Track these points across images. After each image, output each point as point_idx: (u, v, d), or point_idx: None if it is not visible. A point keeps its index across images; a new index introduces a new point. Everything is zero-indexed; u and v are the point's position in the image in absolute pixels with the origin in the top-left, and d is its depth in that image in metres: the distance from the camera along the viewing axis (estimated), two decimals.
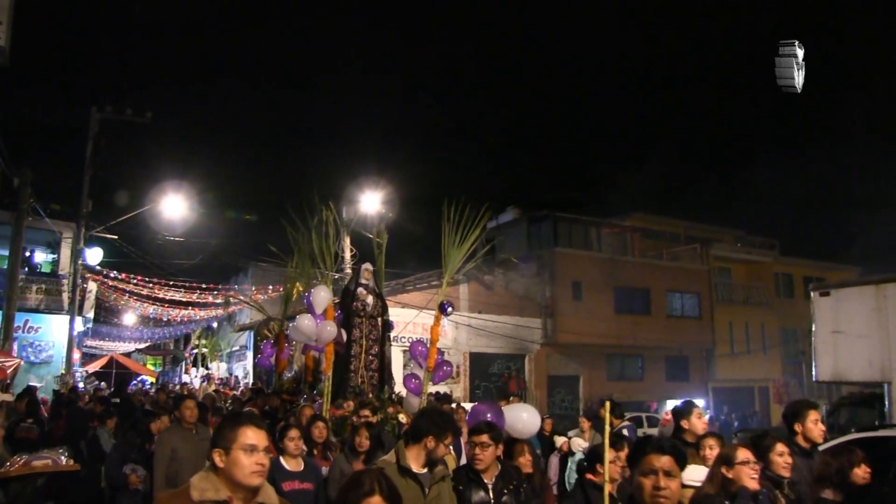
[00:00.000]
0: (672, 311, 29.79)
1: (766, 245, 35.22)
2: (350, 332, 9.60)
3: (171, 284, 23.53)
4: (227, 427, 2.76)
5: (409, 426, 4.39)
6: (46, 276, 21.82)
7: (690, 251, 31.62)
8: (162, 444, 6.56)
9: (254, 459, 2.68)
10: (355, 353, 9.70)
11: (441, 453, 4.15)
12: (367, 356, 9.80)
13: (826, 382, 14.26)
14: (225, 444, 2.70)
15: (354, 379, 9.57)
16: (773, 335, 31.76)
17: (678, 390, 28.22)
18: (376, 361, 9.90)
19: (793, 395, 32.17)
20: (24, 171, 15.57)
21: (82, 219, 19.21)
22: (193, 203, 20.69)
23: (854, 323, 12.01)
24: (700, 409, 5.50)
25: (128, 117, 19.14)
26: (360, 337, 9.78)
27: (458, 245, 9.10)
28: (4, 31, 9.99)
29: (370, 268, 10.20)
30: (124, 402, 13.47)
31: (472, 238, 9.17)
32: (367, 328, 9.89)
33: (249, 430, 2.72)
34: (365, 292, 9.91)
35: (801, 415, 5.00)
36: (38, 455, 5.96)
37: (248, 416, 2.82)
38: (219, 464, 2.68)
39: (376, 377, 9.83)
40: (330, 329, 8.96)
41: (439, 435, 4.11)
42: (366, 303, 9.85)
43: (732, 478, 3.87)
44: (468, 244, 9.15)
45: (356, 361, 9.70)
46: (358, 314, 9.83)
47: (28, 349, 20.23)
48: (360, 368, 9.70)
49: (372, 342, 9.90)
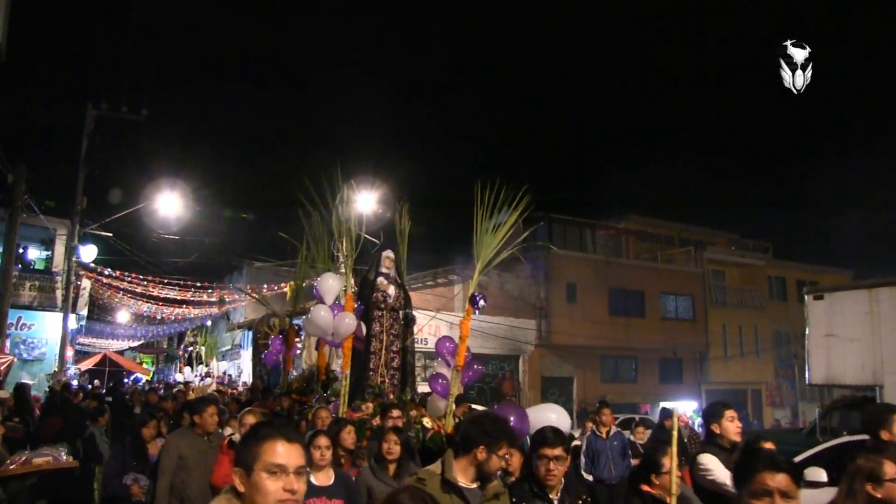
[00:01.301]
0: (666, 313, 29.86)
1: (759, 248, 35.35)
2: (369, 327, 8.72)
3: (166, 282, 23.52)
4: (250, 440, 2.21)
5: (459, 435, 3.74)
6: (40, 273, 21.76)
7: (685, 254, 31.72)
8: (168, 451, 5.87)
9: (280, 484, 2.11)
10: (375, 349, 8.78)
11: (494, 466, 3.55)
12: (387, 353, 8.86)
13: (819, 385, 14.33)
14: (246, 461, 2.15)
15: (374, 378, 8.65)
16: (767, 338, 31.85)
17: (671, 392, 28.30)
18: (398, 359, 8.98)
19: (785, 398, 32.30)
20: (18, 168, 15.52)
21: (77, 216, 19.16)
22: (188, 201, 20.64)
23: (847, 326, 12.07)
24: (733, 412, 5.00)
25: (123, 115, 19.07)
26: (380, 332, 8.84)
27: (493, 231, 8.04)
28: (0, 29, 9.96)
29: (391, 255, 9.19)
30: (116, 401, 13.46)
31: (509, 223, 8.17)
32: (389, 322, 8.94)
33: (279, 445, 2.14)
34: (386, 282, 8.98)
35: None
36: (39, 452, 5.94)
37: (279, 427, 2.22)
38: (239, 488, 2.15)
39: (398, 376, 8.92)
40: (349, 321, 8.06)
41: (491, 445, 3.50)
42: (387, 294, 8.91)
43: (883, 497, 3.13)
44: (503, 230, 8.09)
45: (376, 359, 8.79)
46: (378, 306, 8.87)
47: (21, 346, 20.17)
48: (381, 367, 8.77)
49: (393, 337, 8.97)
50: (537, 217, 28.94)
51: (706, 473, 4.43)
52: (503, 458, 3.57)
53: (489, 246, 8.01)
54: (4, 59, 10.57)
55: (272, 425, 2.28)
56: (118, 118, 19.13)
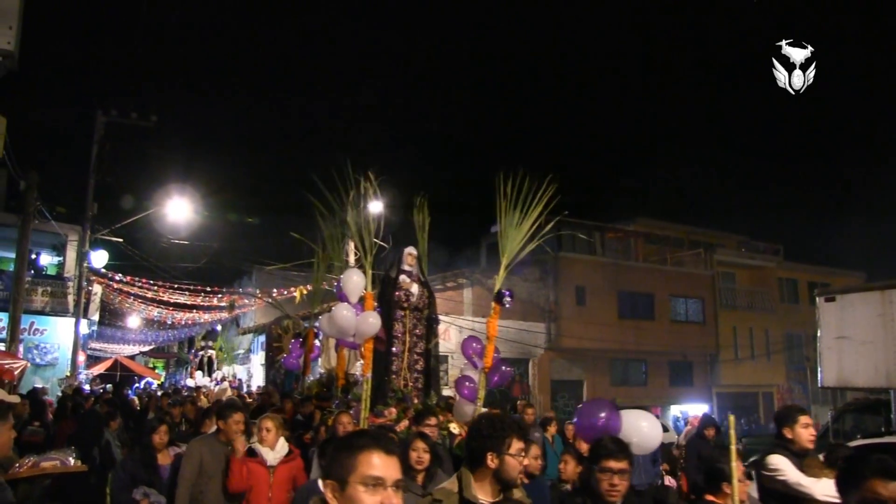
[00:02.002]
0: (676, 316, 29.75)
1: (770, 250, 35.16)
2: (391, 327, 8.26)
3: (176, 287, 23.60)
4: (343, 451, 2.02)
5: (465, 450, 3.41)
6: (52, 279, 21.90)
7: (694, 256, 31.59)
8: (190, 458, 5.53)
9: (378, 499, 1.95)
10: (397, 351, 8.33)
11: (512, 470, 3.16)
12: (410, 355, 8.39)
13: (831, 388, 14.25)
14: (340, 474, 1.98)
15: (396, 382, 8.21)
16: (778, 341, 31.69)
17: (682, 395, 28.22)
18: (422, 361, 8.50)
19: (797, 401, 32.11)
20: (30, 175, 15.67)
21: (88, 222, 19.29)
22: (198, 206, 20.78)
23: (859, 328, 11.98)
24: (808, 418, 4.65)
25: (133, 121, 19.23)
26: (402, 333, 8.36)
27: (518, 224, 7.64)
28: (13, 36, 10.02)
29: (413, 252, 8.70)
30: (122, 405, 13.50)
31: (534, 215, 7.69)
32: (412, 322, 8.46)
33: (375, 456, 1.98)
34: (408, 280, 8.51)
35: None
36: (47, 456, 5.97)
37: (376, 437, 2.06)
38: (331, 502, 1.98)
39: (422, 380, 8.45)
40: (372, 321, 7.65)
41: (497, 446, 3.16)
42: (409, 293, 8.43)
43: None
44: (529, 222, 7.67)
45: (398, 361, 8.33)
46: (400, 306, 8.39)
47: (34, 351, 20.31)
48: (403, 369, 8.30)
49: (417, 339, 8.49)
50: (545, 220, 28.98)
51: (777, 474, 4.27)
52: (520, 456, 3.20)
53: (514, 240, 7.69)
54: (17, 67, 10.64)
55: (368, 435, 2.11)
56: (128, 124, 19.27)
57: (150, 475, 6.35)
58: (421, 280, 8.69)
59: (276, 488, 5.41)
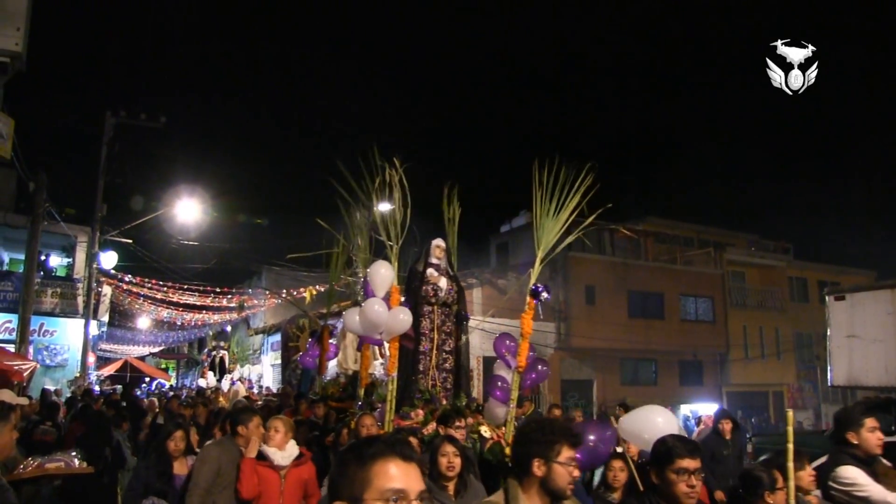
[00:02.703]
0: (686, 315, 29.66)
1: (780, 249, 35.01)
2: (418, 324, 7.78)
3: (185, 288, 23.68)
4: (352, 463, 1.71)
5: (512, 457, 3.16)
6: (62, 280, 22.00)
7: (704, 255, 31.48)
8: (207, 462, 5.11)
9: None
10: (425, 349, 7.88)
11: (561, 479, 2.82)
12: (439, 353, 7.93)
13: (841, 387, 14.19)
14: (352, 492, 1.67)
15: (424, 382, 7.77)
16: (788, 339, 31.55)
17: (692, 395, 28.10)
18: (451, 360, 8.02)
19: (808, 400, 31.97)
20: (39, 176, 15.73)
21: (97, 223, 19.36)
22: (207, 207, 20.82)
23: (869, 327, 11.94)
24: (874, 420, 4.30)
25: (142, 122, 19.30)
26: (430, 330, 7.91)
27: (555, 215, 7.18)
28: (21, 38, 10.11)
29: (441, 244, 8.24)
30: (131, 406, 13.51)
31: (572, 205, 7.23)
32: (440, 319, 8.00)
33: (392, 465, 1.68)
34: (436, 274, 8.06)
35: None
36: (51, 458, 5.96)
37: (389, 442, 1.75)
38: None
39: (450, 380, 7.97)
40: (403, 318, 7.17)
41: (545, 452, 2.82)
42: (438, 287, 7.98)
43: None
44: (566, 213, 7.23)
45: (426, 360, 7.88)
46: (428, 301, 7.95)
47: (43, 352, 20.39)
48: (431, 369, 7.86)
49: (445, 336, 8.01)
50: None
51: (856, 489, 3.90)
52: (571, 465, 2.84)
53: (551, 232, 7.25)
54: (25, 68, 10.72)
55: (379, 441, 1.77)
56: (137, 125, 19.35)
57: (164, 485, 5.79)
58: (450, 274, 8.23)
59: (288, 493, 5.17)
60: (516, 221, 31.42)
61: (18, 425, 7.68)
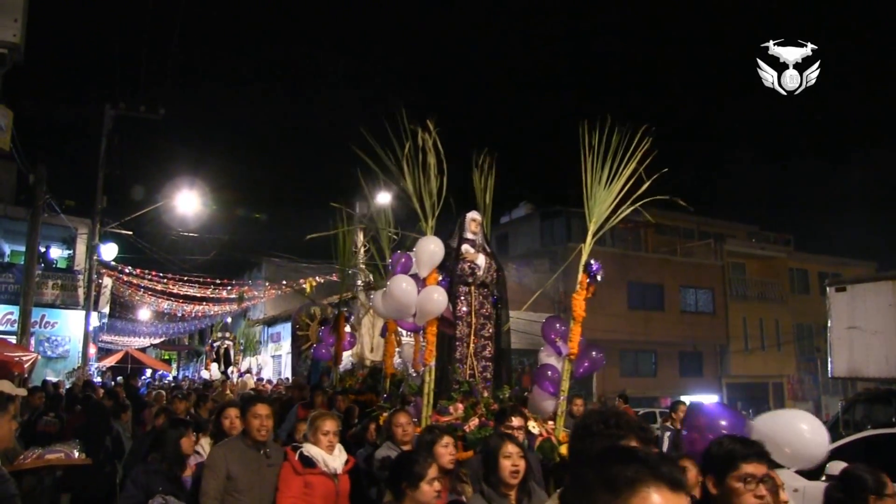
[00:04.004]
0: (686, 306, 29.69)
1: (780, 240, 35.03)
2: (453, 307, 6.89)
3: (185, 280, 23.71)
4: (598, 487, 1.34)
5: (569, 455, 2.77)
6: (62, 272, 22.05)
7: (704, 247, 31.51)
8: (213, 469, 4.42)
9: None
10: (462, 334, 7.00)
11: None
12: (477, 339, 7.06)
13: (841, 379, 14.21)
14: None
15: (461, 371, 6.88)
16: (788, 331, 31.59)
17: (692, 386, 28.16)
18: (490, 347, 7.15)
19: (807, 392, 32.03)
20: (39, 169, 15.72)
21: (97, 215, 19.35)
22: (207, 199, 20.82)
23: (870, 319, 11.95)
24: None
25: (141, 114, 19.25)
26: (467, 313, 7.05)
27: (608, 184, 6.40)
28: (19, 29, 10.08)
29: (477, 217, 7.37)
30: (131, 397, 13.51)
31: (626, 173, 6.38)
32: (478, 300, 7.14)
33: (656, 495, 1.32)
34: (473, 251, 7.20)
35: None
36: (52, 449, 5.98)
37: (650, 463, 1.34)
38: None
39: (490, 369, 7.11)
40: (438, 297, 6.29)
41: None
42: (475, 265, 7.11)
43: None
44: (620, 182, 6.40)
45: (463, 347, 6.99)
46: (465, 281, 7.07)
47: (45, 344, 20.47)
48: (469, 357, 6.99)
49: (484, 320, 7.16)
50: (555, 211, 28.98)
51: None
52: None
53: (604, 202, 6.45)
54: (24, 59, 10.69)
55: (636, 459, 1.36)
56: (136, 117, 19.31)
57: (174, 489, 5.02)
58: (487, 251, 7.41)
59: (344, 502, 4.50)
60: (517, 212, 31.42)
61: (22, 417, 7.72)
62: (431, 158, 6.56)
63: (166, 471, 4.99)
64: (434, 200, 6.61)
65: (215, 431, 5.51)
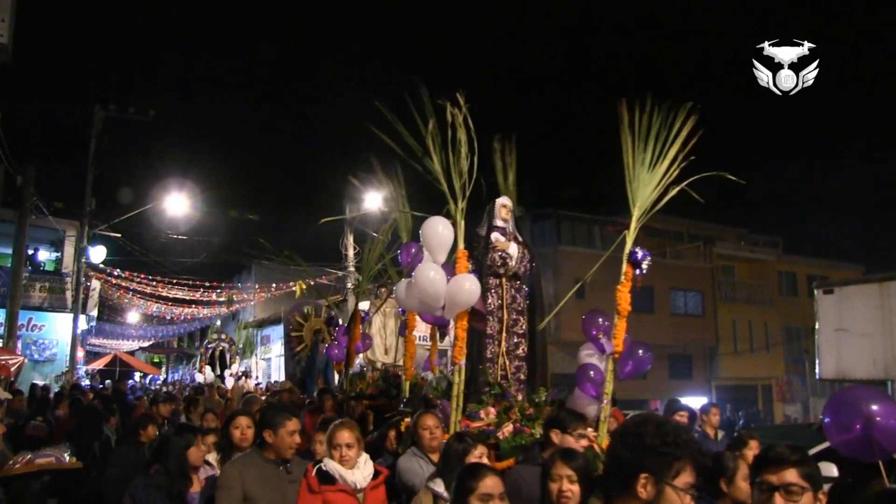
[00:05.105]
0: (675, 309, 29.79)
1: (769, 243, 35.20)
2: (483, 301, 6.09)
3: (175, 282, 23.62)
4: None
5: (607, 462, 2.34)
6: (50, 275, 21.94)
7: (693, 249, 31.64)
8: (229, 487, 3.88)
9: None
10: (492, 331, 6.38)
11: None
12: (509, 337, 6.46)
13: (829, 380, 14.26)
14: None
15: (492, 371, 6.27)
16: (777, 333, 31.74)
17: (681, 388, 28.23)
18: (524, 345, 6.55)
19: (796, 394, 32.18)
20: (27, 170, 15.64)
21: (85, 217, 19.28)
22: (196, 201, 20.77)
23: (858, 321, 12.01)
24: None
25: (130, 116, 19.20)
26: (498, 308, 6.42)
27: (651, 166, 5.88)
28: (6, 29, 10.02)
29: (508, 203, 6.79)
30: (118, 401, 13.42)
31: (672, 154, 5.83)
32: (510, 294, 6.53)
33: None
34: (503, 239, 6.59)
35: None
36: (42, 453, 5.92)
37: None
38: None
39: (524, 369, 6.51)
40: (469, 286, 5.57)
41: (659, 468, 2.04)
42: (506, 255, 6.50)
43: None
44: (665, 164, 5.87)
45: (493, 345, 6.38)
46: (495, 272, 6.46)
47: (32, 347, 20.34)
48: (500, 356, 6.37)
49: (517, 315, 6.54)
50: (545, 213, 29.03)
51: None
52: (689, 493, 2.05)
53: (648, 185, 5.95)
54: (11, 60, 10.63)
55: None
56: (126, 119, 19.25)
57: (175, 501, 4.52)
58: (519, 239, 6.76)
59: None
60: None
61: (7, 421, 7.66)
62: (462, 135, 5.95)
63: (168, 486, 4.40)
64: (465, 179, 5.95)
65: (224, 444, 5.02)
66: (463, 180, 5.92)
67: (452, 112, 5.92)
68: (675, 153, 5.82)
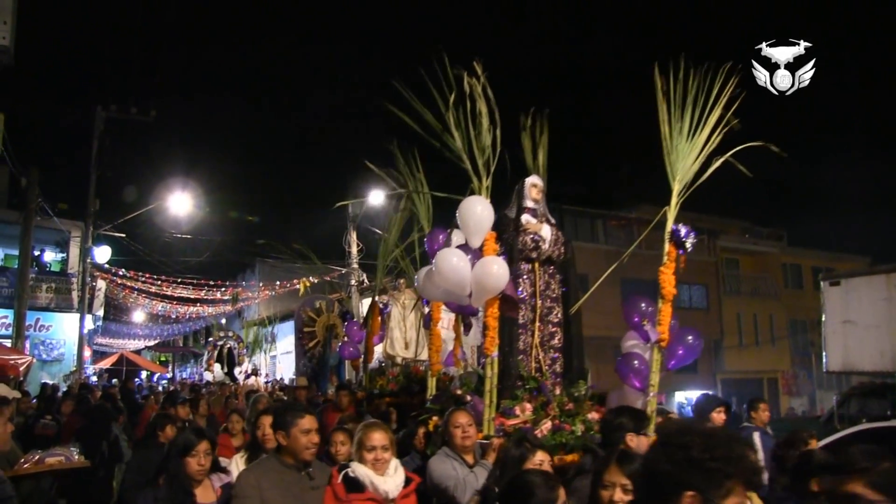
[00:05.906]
0: (680, 302, 29.62)
1: (773, 236, 35.07)
2: (514, 287, 5.65)
3: (179, 282, 23.66)
4: None
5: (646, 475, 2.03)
6: (56, 275, 22.00)
7: (697, 243, 31.41)
8: (245, 496, 3.56)
9: None
10: (525, 320, 5.88)
11: None
12: (543, 327, 5.97)
13: (836, 373, 14.26)
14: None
15: (526, 364, 5.76)
16: (782, 326, 31.66)
17: (686, 382, 28.22)
18: (560, 335, 6.10)
19: (802, 387, 32.14)
20: (31, 172, 15.69)
21: (90, 218, 19.31)
22: (199, 200, 20.82)
23: (864, 313, 11.98)
24: None
25: (133, 116, 19.21)
26: (530, 295, 5.93)
27: (690, 137, 5.42)
28: (8, 31, 10.04)
29: (538, 183, 6.27)
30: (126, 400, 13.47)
31: (712, 123, 5.38)
32: (543, 280, 6.05)
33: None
34: (535, 221, 6.07)
35: None
36: (51, 452, 5.95)
37: None
38: None
39: (560, 361, 6.05)
40: (497, 269, 5.15)
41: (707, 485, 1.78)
42: (539, 237, 5.97)
43: None
44: (705, 133, 5.41)
45: (526, 335, 5.88)
46: (527, 257, 5.94)
47: (40, 347, 20.45)
48: (534, 347, 5.86)
49: (551, 303, 6.09)
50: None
51: None
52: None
53: (688, 156, 5.52)
54: (13, 62, 10.65)
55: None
56: (128, 120, 19.26)
57: None
58: (550, 221, 6.25)
59: None
60: None
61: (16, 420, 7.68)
62: (482, 105, 5.55)
63: (176, 497, 4.00)
64: (489, 154, 5.56)
65: (251, 444, 4.75)
66: (486, 156, 5.57)
67: (470, 82, 5.56)
68: (717, 119, 5.37)
